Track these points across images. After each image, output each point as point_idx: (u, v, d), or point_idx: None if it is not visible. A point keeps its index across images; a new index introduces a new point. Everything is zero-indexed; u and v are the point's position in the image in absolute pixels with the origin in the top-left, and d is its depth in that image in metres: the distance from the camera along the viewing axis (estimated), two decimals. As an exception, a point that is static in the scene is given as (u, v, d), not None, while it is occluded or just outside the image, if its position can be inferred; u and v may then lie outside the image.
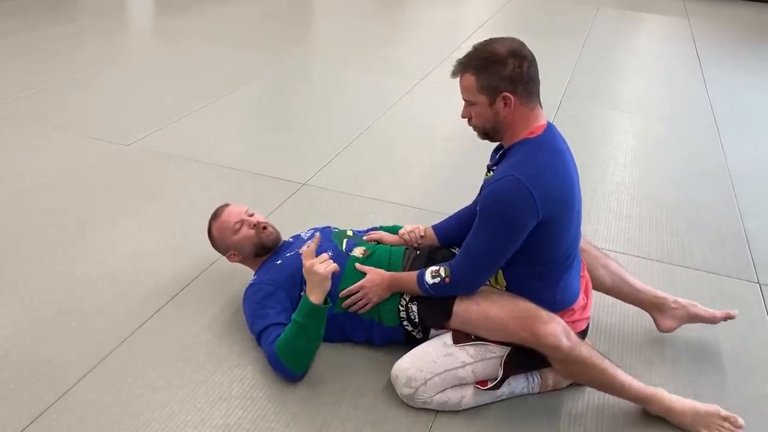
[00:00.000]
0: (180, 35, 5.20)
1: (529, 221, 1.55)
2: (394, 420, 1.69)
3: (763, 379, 1.94)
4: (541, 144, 1.61)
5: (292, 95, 4.08)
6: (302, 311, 1.72)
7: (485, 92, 1.58)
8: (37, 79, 3.96)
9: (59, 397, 1.70)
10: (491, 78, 1.56)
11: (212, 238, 2.06)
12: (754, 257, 2.57)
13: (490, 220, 1.58)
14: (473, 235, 1.63)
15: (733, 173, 3.31)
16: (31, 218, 2.51)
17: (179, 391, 1.74)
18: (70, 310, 2.02)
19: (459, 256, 1.70)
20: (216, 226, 2.04)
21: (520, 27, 6.19)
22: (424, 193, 2.89)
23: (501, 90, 1.56)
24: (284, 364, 1.74)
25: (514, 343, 1.68)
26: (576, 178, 1.68)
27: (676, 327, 1.99)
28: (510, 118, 1.60)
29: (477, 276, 1.67)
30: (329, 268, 1.72)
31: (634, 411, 1.77)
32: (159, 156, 3.10)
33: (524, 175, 1.53)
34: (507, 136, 1.64)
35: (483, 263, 1.64)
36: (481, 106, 1.60)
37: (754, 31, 6.55)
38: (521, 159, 1.58)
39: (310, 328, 1.72)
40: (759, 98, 4.56)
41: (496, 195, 1.56)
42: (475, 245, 1.63)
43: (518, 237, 1.57)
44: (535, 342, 1.61)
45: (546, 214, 1.55)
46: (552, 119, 3.81)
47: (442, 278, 1.68)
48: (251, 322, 1.85)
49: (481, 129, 1.66)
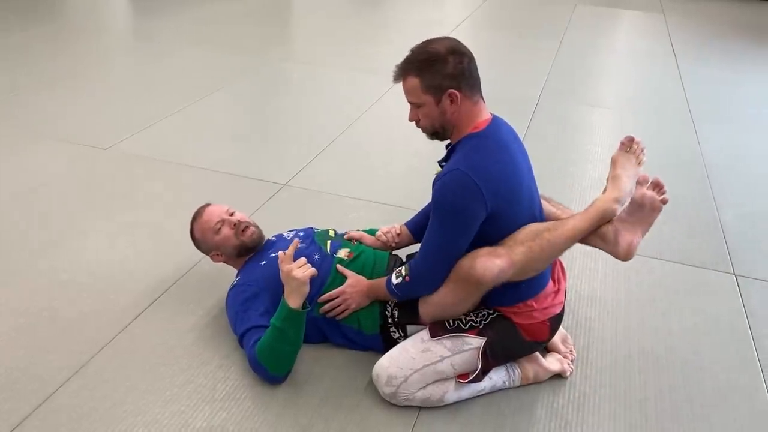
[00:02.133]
0: (158, 37, 5.16)
1: (478, 212, 1.58)
2: (377, 418, 1.70)
3: (738, 365, 1.98)
4: (486, 138, 1.64)
5: (272, 96, 4.08)
6: (281, 315, 1.72)
7: (430, 92, 1.60)
8: (12, 83, 3.92)
9: (41, 402, 1.69)
10: (434, 77, 1.59)
11: (195, 239, 2.06)
12: (730, 248, 2.61)
13: (441, 214, 1.61)
14: (428, 230, 1.66)
15: (708, 166, 3.36)
16: (9, 224, 2.49)
17: (162, 395, 1.74)
18: (50, 316, 2.01)
19: (418, 253, 1.72)
20: (197, 226, 2.03)
21: (498, 25, 6.23)
22: (404, 191, 2.90)
23: (445, 88, 1.59)
24: (265, 367, 1.74)
25: (491, 331, 1.70)
26: (525, 169, 1.71)
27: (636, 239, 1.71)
28: (457, 115, 1.63)
29: (434, 271, 1.68)
30: (307, 272, 1.72)
31: (614, 402, 1.80)
32: (138, 159, 3.08)
33: (468, 167, 1.57)
34: (455, 133, 1.67)
35: (438, 257, 1.65)
36: (428, 106, 1.62)
37: (728, 27, 6.64)
38: (466, 153, 1.62)
39: (289, 332, 1.72)
40: (733, 92, 4.63)
41: (444, 189, 1.59)
42: (429, 240, 1.66)
43: (470, 229, 1.60)
44: (481, 284, 1.61)
45: (493, 204, 1.58)
46: (530, 116, 3.85)
47: (403, 277, 1.71)
48: (234, 323, 1.85)
49: (430, 129, 1.69)
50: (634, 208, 1.69)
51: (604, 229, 1.71)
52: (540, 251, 1.63)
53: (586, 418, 1.76)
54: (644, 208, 1.67)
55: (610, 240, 1.71)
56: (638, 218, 1.69)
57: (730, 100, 4.48)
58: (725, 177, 3.25)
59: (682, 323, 2.15)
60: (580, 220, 1.70)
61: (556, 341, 1.91)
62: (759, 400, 1.86)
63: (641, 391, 1.86)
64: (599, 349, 2.01)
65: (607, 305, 2.21)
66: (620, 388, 1.87)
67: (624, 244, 1.69)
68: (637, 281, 2.36)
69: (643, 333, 2.09)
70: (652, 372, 1.93)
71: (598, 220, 1.70)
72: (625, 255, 1.70)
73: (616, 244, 1.70)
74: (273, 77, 4.42)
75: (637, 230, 1.70)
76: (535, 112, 3.94)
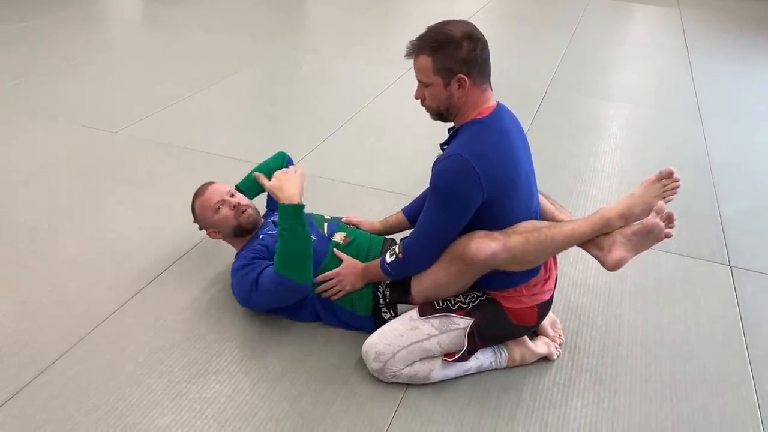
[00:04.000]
0: (169, 23, 5.23)
1: (474, 198, 1.61)
2: (365, 393, 1.75)
3: (727, 353, 2.00)
4: (488, 124, 1.66)
5: (281, 84, 4.12)
6: (286, 217, 1.79)
7: (440, 74, 1.62)
8: (26, 68, 4.00)
9: (41, 371, 1.75)
10: (446, 60, 1.60)
11: (195, 214, 2.12)
12: (728, 241, 2.62)
13: (437, 197, 1.65)
14: (424, 210, 1.69)
15: (713, 160, 3.36)
16: (17, 204, 2.56)
17: (157, 367, 1.79)
18: (53, 291, 2.07)
19: (412, 232, 1.76)
20: (198, 203, 2.09)
21: (510, 17, 6.23)
22: (408, 179, 2.93)
23: (455, 72, 1.61)
24: (289, 278, 1.78)
25: (478, 312, 1.74)
26: (524, 157, 1.73)
27: (627, 256, 1.72)
28: (463, 100, 1.65)
29: (426, 250, 1.72)
30: (301, 171, 1.87)
31: (599, 385, 1.83)
32: (146, 143, 3.14)
33: (469, 153, 1.59)
34: (459, 116, 1.69)
35: (431, 238, 1.69)
36: (436, 87, 1.64)
37: (742, 23, 6.58)
38: (468, 138, 1.64)
39: (297, 229, 1.79)
40: (744, 88, 4.60)
41: (443, 173, 1.62)
42: (424, 220, 1.70)
43: (464, 213, 1.63)
44: (473, 264, 1.64)
45: (490, 191, 1.60)
46: (537, 106, 3.86)
47: (396, 255, 1.74)
48: (239, 282, 1.90)
49: (434, 110, 1.71)
50: (641, 231, 1.69)
51: (602, 238, 1.74)
52: (536, 244, 1.65)
53: (571, 401, 1.79)
54: (650, 235, 1.69)
55: (604, 249, 1.73)
56: (639, 241, 1.71)
57: (740, 95, 4.45)
58: (729, 172, 3.25)
59: (674, 312, 2.17)
60: (582, 224, 1.72)
61: (545, 325, 1.94)
62: (745, 389, 1.87)
63: (628, 376, 1.88)
64: (588, 335, 2.03)
65: (599, 293, 2.23)
66: (607, 373, 1.89)
67: (616, 257, 1.71)
68: (631, 271, 2.37)
69: (634, 321, 2.11)
70: (640, 359, 1.95)
71: (599, 229, 1.73)
72: (612, 267, 1.73)
73: (608, 255, 1.72)
74: (283, 65, 4.46)
75: (631, 250, 1.72)
76: (542, 103, 3.95)
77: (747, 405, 1.82)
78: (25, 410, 1.64)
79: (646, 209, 1.71)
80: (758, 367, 1.95)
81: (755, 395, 1.85)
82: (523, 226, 1.68)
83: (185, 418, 1.65)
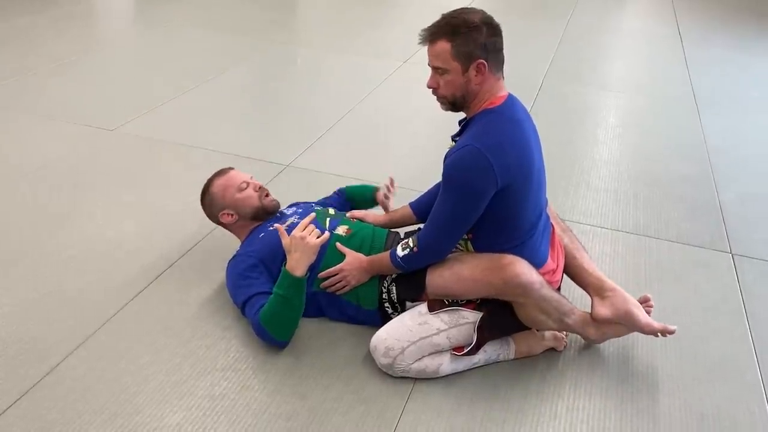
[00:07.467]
0: (162, 20, 5.18)
1: (488, 189, 1.60)
2: (374, 388, 1.74)
3: (731, 340, 2.01)
4: (501, 114, 1.65)
5: (276, 79, 4.10)
6: (285, 284, 1.76)
7: (460, 59, 1.60)
8: (20, 65, 3.96)
9: (46, 373, 1.74)
10: (467, 44, 1.58)
11: (209, 195, 2.06)
12: (728, 228, 2.63)
13: (451, 189, 1.64)
14: (437, 203, 1.68)
15: (710, 147, 3.37)
16: (16, 204, 2.54)
17: (164, 365, 1.78)
18: (56, 291, 2.05)
19: (425, 225, 1.75)
20: (220, 182, 2.06)
21: (504, 7, 6.21)
22: (406, 173, 2.92)
23: (475, 57, 1.59)
24: (270, 333, 1.79)
25: (487, 306, 1.74)
26: (536, 148, 1.73)
27: (610, 318, 1.81)
28: (479, 87, 1.64)
29: (442, 242, 1.71)
30: (322, 238, 1.78)
31: (605, 375, 1.84)
32: (143, 140, 3.12)
33: (483, 144, 1.58)
34: (473, 105, 1.68)
35: (447, 229, 1.69)
36: (454, 73, 1.62)
37: (735, 11, 6.59)
38: (481, 129, 1.63)
39: (294, 299, 1.77)
40: (738, 75, 4.61)
41: (456, 164, 1.61)
42: (439, 213, 1.69)
43: (479, 204, 1.63)
44: (508, 285, 1.65)
45: (504, 182, 1.60)
46: (534, 97, 3.85)
47: (410, 248, 1.73)
48: (234, 292, 1.90)
49: (449, 98, 1.68)
50: (623, 322, 1.82)
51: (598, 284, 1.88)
52: (552, 306, 1.73)
53: (579, 391, 1.79)
54: (626, 327, 1.83)
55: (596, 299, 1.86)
56: (618, 328, 1.85)
57: (735, 82, 4.46)
58: (726, 158, 3.26)
59: (677, 300, 2.17)
60: (575, 321, 1.80)
61: (551, 316, 1.94)
62: (750, 374, 1.89)
63: (634, 365, 1.89)
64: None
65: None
66: (613, 362, 1.90)
67: (592, 335, 1.85)
68: (634, 261, 2.38)
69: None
70: (645, 347, 1.96)
71: (587, 326, 1.84)
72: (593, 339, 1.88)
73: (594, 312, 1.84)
74: (278, 60, 4.44)
75: (606, 332, 1.85)
76: (539, 92, 3.94)
77: (753, 390, 1.83)
78: (34, 411, 1.63)
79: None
80: (763, 353, 1.96)
81: (761, 380, 1.86)
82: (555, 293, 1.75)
83: (195, 415, 1.64)
